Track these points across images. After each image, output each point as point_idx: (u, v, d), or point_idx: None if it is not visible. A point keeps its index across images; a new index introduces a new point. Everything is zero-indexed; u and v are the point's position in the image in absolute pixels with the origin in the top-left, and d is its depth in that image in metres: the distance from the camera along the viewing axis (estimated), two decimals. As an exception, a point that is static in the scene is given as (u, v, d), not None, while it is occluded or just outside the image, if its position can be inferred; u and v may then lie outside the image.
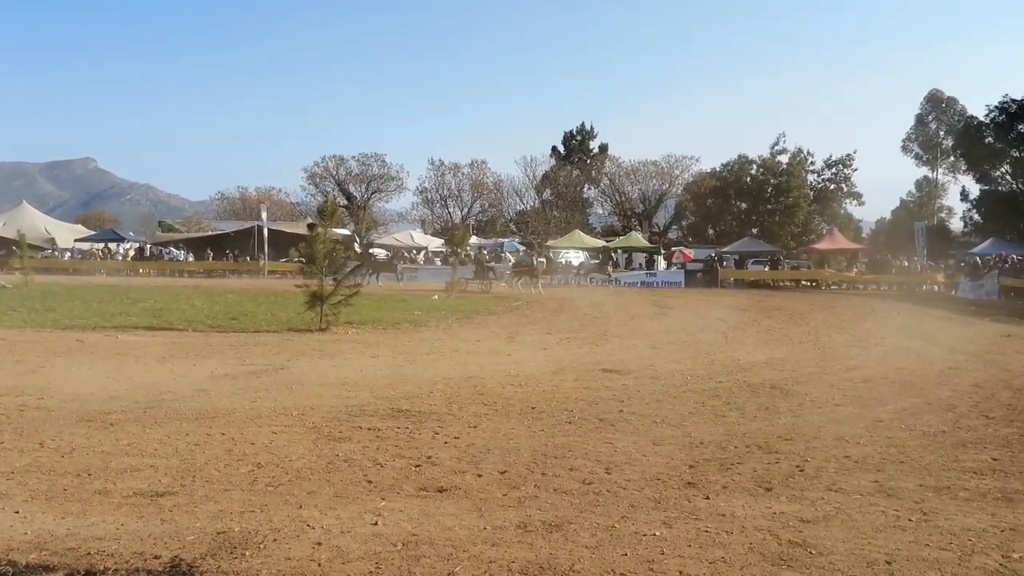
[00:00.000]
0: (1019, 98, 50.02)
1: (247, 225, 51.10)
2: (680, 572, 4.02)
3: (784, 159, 63.37)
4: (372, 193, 72.05)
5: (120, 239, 53.09)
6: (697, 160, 68.12)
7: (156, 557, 4.13)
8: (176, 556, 4.13)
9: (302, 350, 12.65)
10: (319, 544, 4.32)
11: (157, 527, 4.55)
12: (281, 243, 46.30)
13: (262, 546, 4.28)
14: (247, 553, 4.18)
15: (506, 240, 57.63)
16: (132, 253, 50.32)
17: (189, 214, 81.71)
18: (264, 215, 47.64)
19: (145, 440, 6.60)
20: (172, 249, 50.96)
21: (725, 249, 49.23)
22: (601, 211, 73.56)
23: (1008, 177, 52.08)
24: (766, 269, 44.54)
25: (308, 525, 4.61)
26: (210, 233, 54.59)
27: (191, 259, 49.20)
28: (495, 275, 33.17)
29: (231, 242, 49.87)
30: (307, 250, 16.75)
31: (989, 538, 4.54)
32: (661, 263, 46.39)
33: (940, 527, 4.71)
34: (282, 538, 4.40)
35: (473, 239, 53.13)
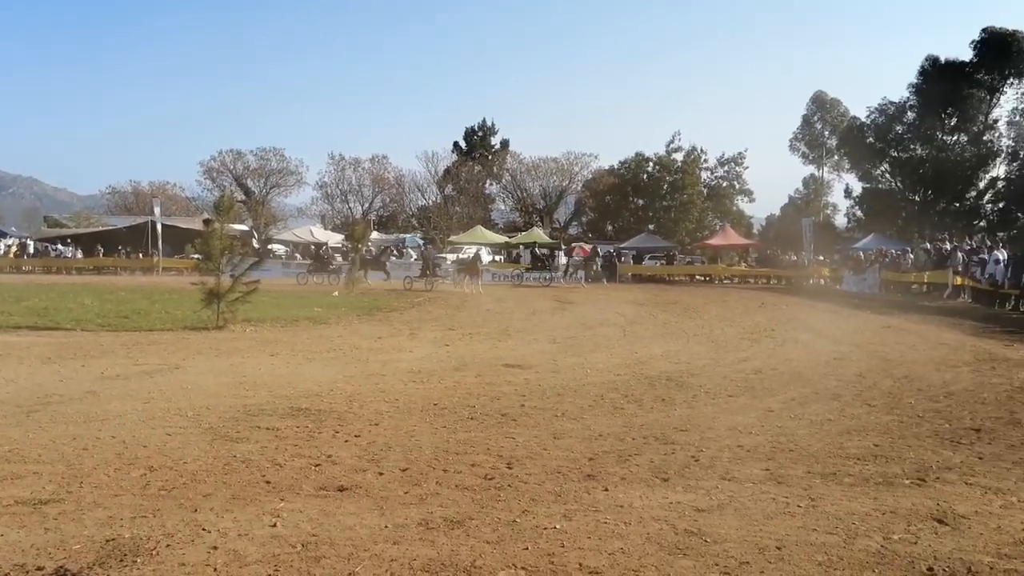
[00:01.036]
0: (896, 100, 52.85)
1: (140, 220, 49.39)
2: (580, 564, 4.08)
3: (679, 157, 65.02)
4: (271, 188, 70.54)
5: (1, 235, 50.44)
6: (596, 157, 69.36)
7: (39, 568, 3.93)
8: (61, 566, 3.95)
9: (198, 349, 12.28)
10: (215, 548, 4.20)
11: (40, 536, 4.34)
12: (176, 239, 44.91)
13: (154, 552, 4.14)
14: (138, 560, 4.03)
15: (408, 235, 57.27)
16: (15, 250, 47.76)
17: (78, 208, 78.24)
18: (158, 210, 46.21)
19: (28, 445, 6.28)
20: (59, 245, 48.62)
21: (623, 245, 50.29)
22: (503, 207, 73.92)
23: (887, 176, 54.94)
24: (662, 264, 45.71)
25: (203, 529, 4.48)
26: (100, 228, 52.43)
27: (80, 256, 47.09)
28: (442, 273, 32.06)
29: (123, 238, 48.05)
30: (203, 246, 16.32)
31: (871, 521, 4.77)
32: (562, 259, 46.91)
33: (827, 512, 4.92)
34: (176, 543, 4.26)
35: (375, 235, 52.64)
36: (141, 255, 45.82)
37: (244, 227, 51.06)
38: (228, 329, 14.93)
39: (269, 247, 47.26)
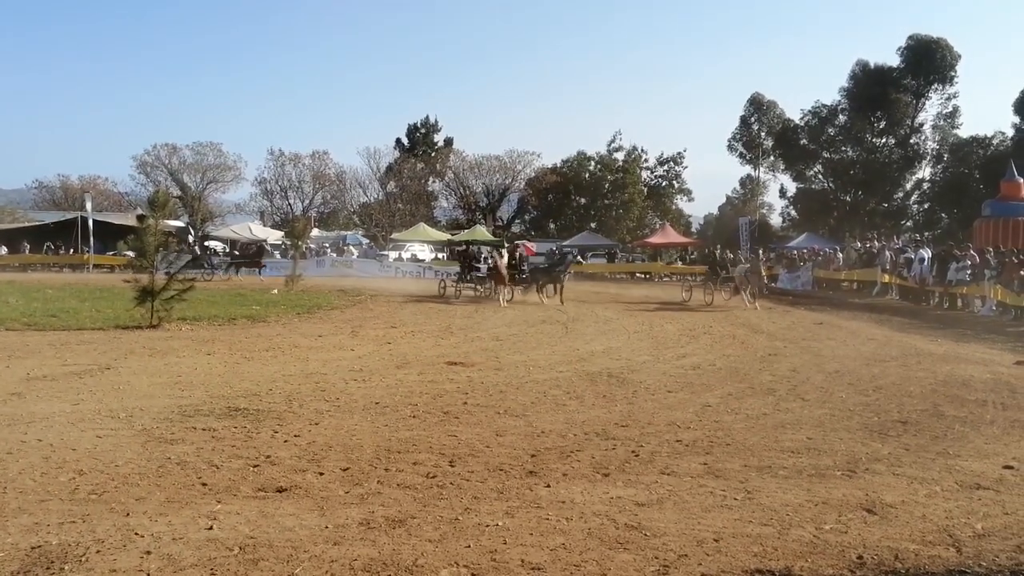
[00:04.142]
0: (828, 103, 54.22)
1: (69, 216, 47.87)
2: (522, 560, 4.11)
3: (620, 156, 65.63)
4: (208, 183, 69.01)
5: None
6: (539, 155, 69.34)
7: (-37, 577, 3.82)
8: (-13, 574, 3.84)
9: (131, 348, 11.98)
10: (148, 553, 4.12)
11: (-35, 544, 4.21)
12: (108, 235, 43.71)
13: (84, 559, 4.03)
14: (66, 567, 3.93)
15: (349, 233, 56.76)
16: (-69, 246, 45.85)
17: (2, 203, 75.53)
18: (89, 205, 44.86)
19: (-49, 450, 6.07)
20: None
21: (566, 243, 50.57)
22: (446, 204, 73.60)
23: (820, 176, 56.32)
24: (604, 262, 46.25)
25: (136, 533, 4.38)
26: (26, 224, 50.69)
27: (4, 252, 45.48)
28: (475, 278, 25.64)
29: (51, 234, 46.55)
30: (136, 243, 15.95)
31: (804, 512, 4.90)
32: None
33: (762, 504, 5.04)
34: (106, 549, 4.16)
35: (315, 231, 52.01)
36: (71, 252, 44.47)
37: (180, 223, 49.96)
38: (163, 328, 14.61)
39: (206, 244, 46.25)
